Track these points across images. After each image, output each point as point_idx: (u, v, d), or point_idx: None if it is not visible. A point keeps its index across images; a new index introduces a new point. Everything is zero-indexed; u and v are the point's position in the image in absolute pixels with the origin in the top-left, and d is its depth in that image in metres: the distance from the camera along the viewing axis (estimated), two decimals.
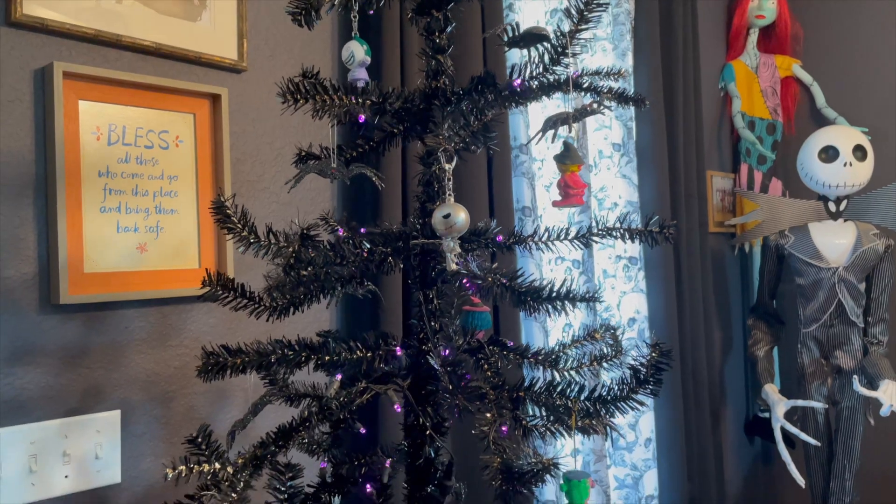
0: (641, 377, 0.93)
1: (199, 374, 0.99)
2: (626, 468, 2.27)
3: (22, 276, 1.21)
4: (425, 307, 0.99)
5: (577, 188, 1.01)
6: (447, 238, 0.90)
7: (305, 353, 0.93)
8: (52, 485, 1.24)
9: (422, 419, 0.97)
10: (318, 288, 0.99)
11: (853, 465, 2.42)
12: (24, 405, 1.21)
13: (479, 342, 1.00)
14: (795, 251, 2.46)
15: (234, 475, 0.84)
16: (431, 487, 0.99)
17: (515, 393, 0.93)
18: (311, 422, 0.91)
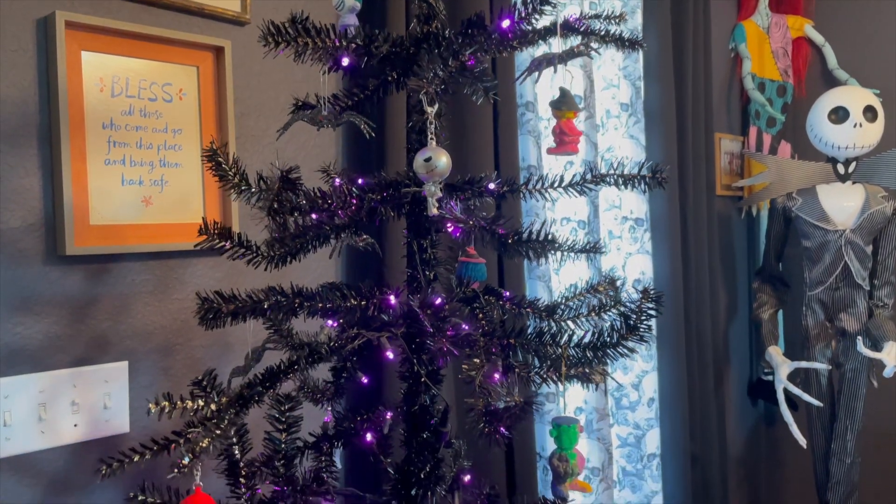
0: (631, 324, 0.92)
1: (199, 321, 1.00)
2: (628, 427, 2.29)
3: (28, 226, 1.22)
4: (419, 256, 0.99)
5: (573, 135, 1.00)
6: (429, 182, 0.90)
7: (298, 300, 0.93)
8: (62, 433, 1.26)
9: (416, 367, 0.97)
10: (313, 237, 0.99)
11: (855, 426, 2.44)
12: (32, 355, 1.23)
13: (474, 291, 1.00)
14: (803, 213, 2.45)
15: (219, 413, 0.85)
16: (427, 434, 1.00)
17: (506, 340, 0.93)
18: (299, 365, 0.92)
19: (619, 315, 0.93)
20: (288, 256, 1.00)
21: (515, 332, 0.94)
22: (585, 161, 2.12)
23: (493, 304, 0.99)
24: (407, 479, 1.00)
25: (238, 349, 1.48)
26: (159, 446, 0.84)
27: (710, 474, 2.48)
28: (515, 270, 1.85)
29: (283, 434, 1.02)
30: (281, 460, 1.02)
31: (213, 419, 0.85)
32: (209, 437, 0.82)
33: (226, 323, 1.01)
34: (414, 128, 1.02)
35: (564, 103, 1.01)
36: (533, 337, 0.93)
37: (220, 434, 0.84)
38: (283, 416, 0.99)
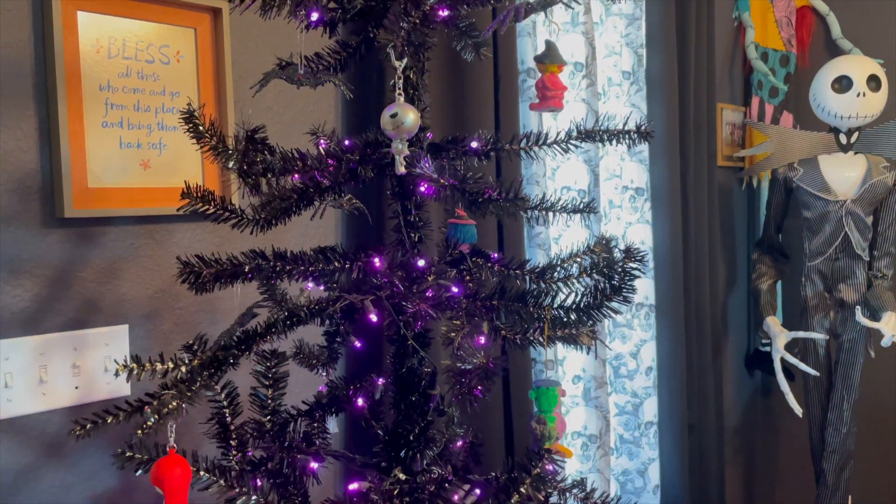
0: (615, 284, 0.92)
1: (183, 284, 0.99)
2: (626, 395, 2.30)
3: (26, 188, 1.21)
4: (403, 218, 0.99)
5: (556, 90, 0.98)
6: (396, 140, 0.89)
7: (280, 264, 0.93)
8: (63, 395, 1.26)
9: (402, 330, 0.97)
10: (297, 200, 0.98)
11: (851, 395, 2.45)
12: (33, 317, 1.23)
13: (461, 253, 1.00)
14: (804, 184, 2.44)
15: (191, 375, 0.86)
16: (416, 396, 1.00)
17: (489, 302, 0.92)
18: (276, 327, 0.92)
19: (603, 276, 0.92)
20: (273, 220, 0.99)
21: (498, 293, 0.93)
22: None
23: (482, 266, 0.99)
24: (397, 441, 1.01)
25: (232, 314, 1.48)
26: (132, 408, 0.84)
27: (706, 443, 2.50)
28: (515, 238, 1.85)
29: (270, 390, 1.03)
30: (268, 416, 1.02)
31: (186, 382, 0.86)
32: (178, 400, 0.83)
33: (213, 287, 1.01)
34: (394, 86, 1.00)
35: (548, 56, 0.99)
36: (516, 298, 0.93)
37: (189, 396, 0.84)
38: (268, 372, 1.00)
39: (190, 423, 1.31)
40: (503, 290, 0.92)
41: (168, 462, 0.90)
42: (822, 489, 2.51)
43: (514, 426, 1.85)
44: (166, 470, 0.89)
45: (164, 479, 0.89)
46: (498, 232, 1.83)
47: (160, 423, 0.82)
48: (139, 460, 0.94)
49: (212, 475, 0.95)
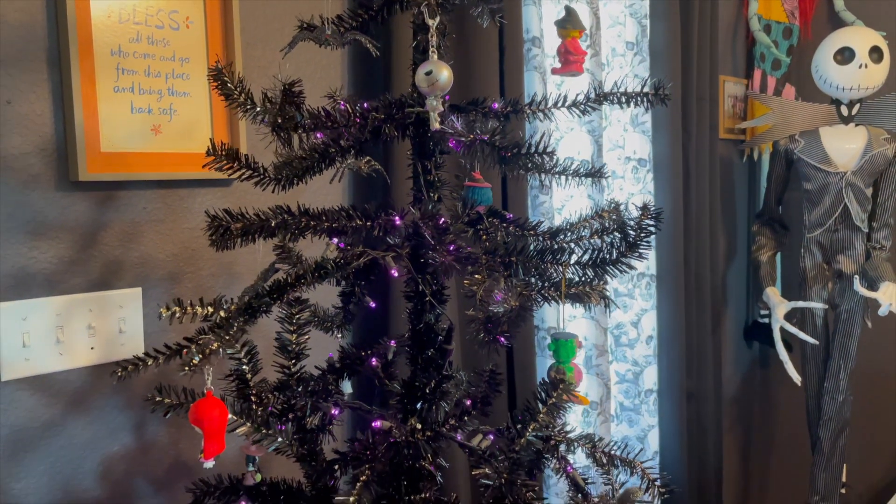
0: (631, 241, 0.94)
1: (210, 238, 1.01)
2: (627, 363, 2.34)
3: (40, 151, 1.23)
4: (423, 178, 1.01)
5: (578, 55, 1.00)
6: (430, 97, 0.90)
7: (305, 220, 0.95)
8: (79, 355, 1.29)
9: (421, 286, 1.00)
10: (319, 159, 1.00)
11: (848, 364, 2.49)
12: (48, 278, 1.25)
13: (478, 214, 1.02)
14: (804, 155, 2.46)
15: (228, 320, 0.88)
16: (432, 351, 1.03)
17: (508, 258, 0.95)
18: (305, 278, 0.94)
19: (619, 232, 0.94)
20: (295, 178, 1.01)
21: (517, 250, 0.95)
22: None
23: (497, 226, 1.01)
24: (412, 394, 1.04)
25: (246, 278, 1.51)
26: (171, 351, 0.87)
27: (704, 410, 2.55)
28: (519, 206, 1.87)
29: (294, 335, 1.06)
30: (292, 359, 1.05)
31: (223, 326, 0.88)
32: (218, 342, 0.85)
33: (235, 244, 1.03)
34: (418, 47, 1.02)
35: (569, 21, 1.00)
36: (535, 255, 0.95)
37: (229, 339, 0.87)
38: (292, 318, 1.03)
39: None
40: (523, 248, 0.95)
41: (207, 403, 0.93)
42: (817, 456, 2.56)
43: (517, 394, 1.88)
44: (206, 410, 0.92)
45: (203, 420, 0.92)
46: (503, 201, 1.85)
47: (203, 362, 0.85)
48: (168, 404, 0.97)
49: (239, 418, 0.98)
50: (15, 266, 1.22)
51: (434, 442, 0.96)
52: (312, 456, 0.98)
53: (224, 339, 0.85)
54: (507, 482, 0.87)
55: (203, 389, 0.93)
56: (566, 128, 2.15)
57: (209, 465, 0.93)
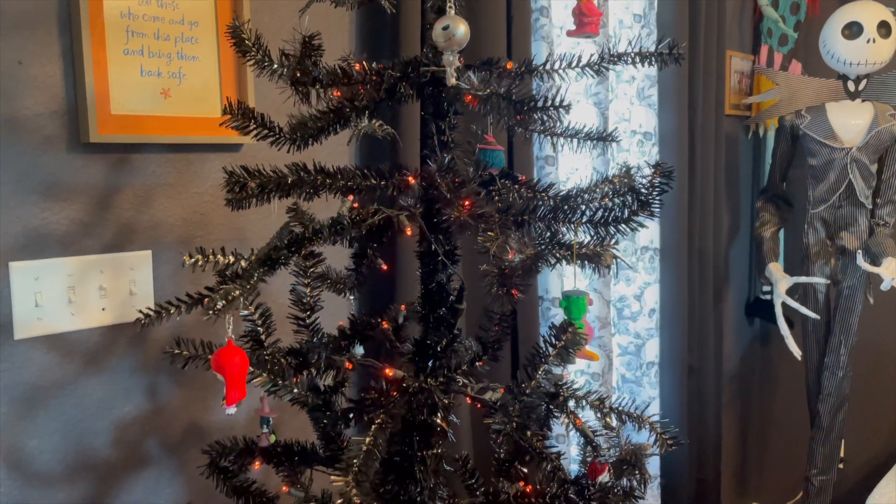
0: (643, 199, 0.94)
1: (226, 196, 1.02)
2: (629, 336, 2.36)
3: (51, 113, 1.24)
4: (437, 138, 1.01)
5: (593, 16, 1.00)
6: (447, 52, 0.91)
7: (321, 177, 0.96)
8: (90, 316, 1.31)
9: (434, 246, 1.01)
10: (334, 119, 1.00)
11: (849, 340, 2.51)
12: (60, 239, 1.27)
13: (490, 175, 1.03)
14: (810, 131, 2.46)
15: (248, 270, 0.89)
16: (444, 310, 1.04)
17: (520, 217, 0.96)
18: (322, 234, 0.95)
19: (632, 191, 0.95)
20: (310, 138, 1.02)
21: (530, 209, 0.96)
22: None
23: (510, 187, 1.02)
24: (424, 352, 1.05)
25: (255, 244, 1.52)
26: (194, 299, 0.88)
27: (705, 384, 2.57)
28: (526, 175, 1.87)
29: (307, 288, 1.07)
30: (307, 311, 1.07)
31: (243, 276, 0.90)
32: (240, 290, 0.87)
33: (250, 203, 1.04)
34: (433, 6, 1.02)
35: None
36: (547, 213, 0.96)
37: (250, 287, 0.88)
38: (305, 270, 1.04)
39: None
40: (535, 207, 0.95)
41: (228, 351, 0.95)
42: (816, 431, 2.58)
43: (520, 365, 1.90)
44: (227, 358, 0.93)
45: (224, 366, 0.93)
46: (508, 164, 1.86)
47: (226, 308, 0.86)
48: (186, 356, 0.99)
49: (256, 369, 1.00)
50: (28, 226, 1.23)
51: (445, 389, 0.97)
52: (326, 406, 0.99)
53: (246, 288, 0.87)
54: (518, 427, 0.89)
55: (224, 339, 0.95)
56: (573, 99, 2.15)
57: (231, 411, 0.95)
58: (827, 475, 2.58)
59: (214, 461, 1.27)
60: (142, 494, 1.40)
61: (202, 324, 1.43)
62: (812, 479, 2.58)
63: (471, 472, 1.33)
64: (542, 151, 1.98)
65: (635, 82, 2.26)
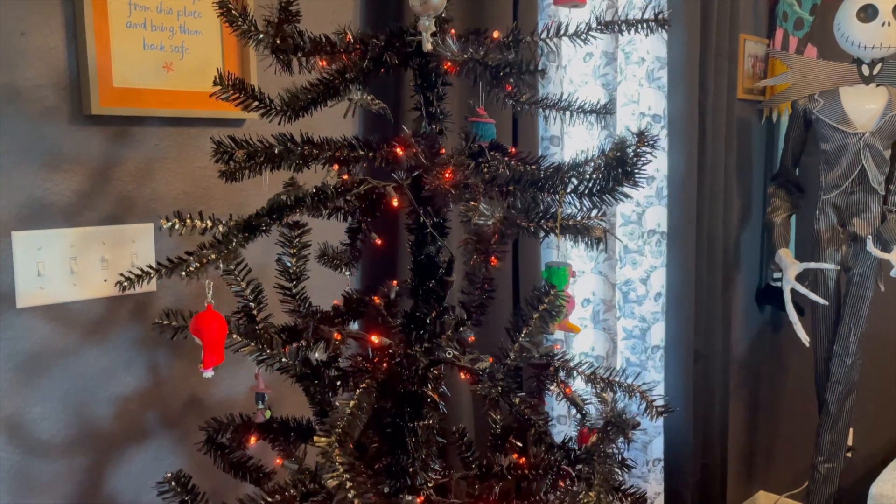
0: (626, 169, 0.93)
1: (220, 174, 1.03)
2: (634, 320, 2.35)
3: (53, 84, 1.25)
4: (425, 109, 1.01)
5: None
6: (423, 17, 0.90)
7: (308, 147, 0.96)
8: (92, 287, 1.32)
9: (422, 217, 1.01)
10: (324, 91, 1.01)
11: (859, 327, 2.48)
12: (62, 210, 1.28)
13: (480, 147, 1.03)
14: (823, 115, 2.43)
15: (227, 235, 0.90)
16: (433, 282, 1.05)
17: (505, 187, 0.95)
18: (305, 202, 0.96)
19: (616, 161, 0.93)
20: (301, 111, 1.02)
21: (515, 179, 0.95)
22: (604, 52, 2.10)
23: (500, 159, 1.01)
24: (414, 323, 1.06)
25: None
26: (172, 263, 0.89)
27: (712, 370, 2.56)
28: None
29: (294, 258, 1.08)
30: (293, 281, 1.08)
31: (223, 241, 0.91)
32: (216, 254, 0.88)
33: (243, 175, 1.04)
34: None
35: None
36: (532, 184, 0.95)
37: (227, 253, 0.89)
38: (291, 241, 1.05)
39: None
40: (519, 177, 0.95)
41: (207, 316, 0.96)
42: (824, 418, 2.57)
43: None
44: (205, 322, 0.95)
45: (202, 330, 0.95)
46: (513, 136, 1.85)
47: (200, 270, 0.87)
48: (175, 326, 1.00)
49: (244, 338, 1.01)
50: (30, 197, 1.24)
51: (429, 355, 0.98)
52: (315, 375, 1.00)
53: (222, 253, 0.87)
54: (503, 391, 0.89)
55: (204, 304, 0.96)
56: (581, 81, 2.14)
57: (209, 374, 0.96)
58: (833, 463, 2.56)
59: (212, 437, 1.28)
60: (142, 464, 1.42)
61: (202, 298, 1.44)
62: (818, 467, 2.57)
63: (467, 445, 1.34)
64: (547, 132, 1.97)
65: (645, 64, 2.24)
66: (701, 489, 2.58)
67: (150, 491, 1.43)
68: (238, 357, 1.53)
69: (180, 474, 1.08)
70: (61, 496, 1.32)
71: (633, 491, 1.32)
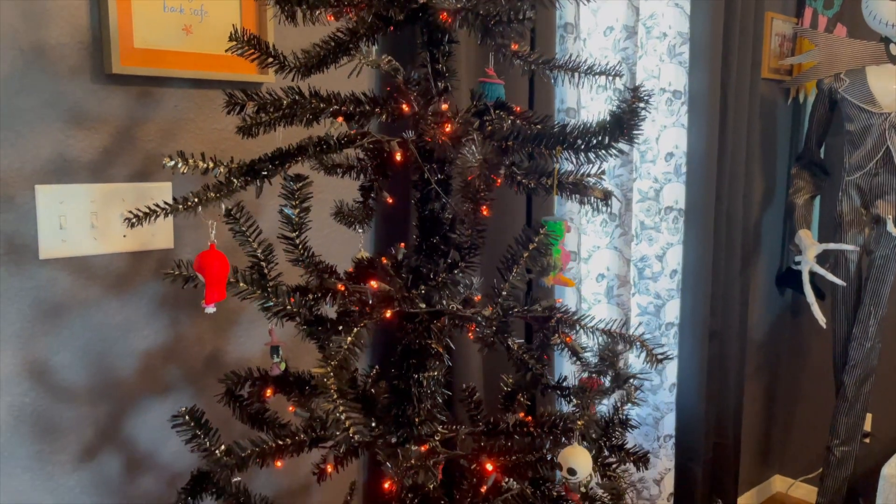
0: (622, 125, 0.93)
1: (237, 129, 1.06)
2: (649, 296, 2.35)
3: (76, 43, 1.29)
4: (431, 66, 1.02)
5: None
6: None
7: (315, 101, 0.99)
8: (112, 241, 1.37)
9: (427, 174, 1.03)
10: (335, 48, 1.03)
11: (879, 311, 2.46)
12: (84, 167, 1.33)
13: (485, 105, 1.04)
14: (848, 95, 2.39)
15: (228, 176, 0.93)
16: (437, 238, 1.07)
17: (504, 143, 0.97)
18: (308, 150, 0.98)
19: (612, 117, 0.94)
20: (312, 67, 1.05)
21: (514, 134, 0.96)
22: (625, 25, 2.10)
23: (505, 118, 1.03)
24: (418, 278, 1.08)
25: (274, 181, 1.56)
26: (176, 202, 0.93)
27: (727, 350, 2.55)
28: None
29: (296, 210, 1.11)
30: (295, 232, 1.11)
31: (224, 183, 0.94)
32: (215, 193, 0.91)
33: (258, 131, 1.07)
34: None
35: None
36: (530, 139, 0.96)
37: (226, 192, 0.92)
38: (293, 193, 1.08)
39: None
40: (518, 132, 0.96)
41: (209, 254, 1.00)
42: (840, 401, 2.55)
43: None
44: (208, 260, 0.99)
45: (205, 267, 0.99)
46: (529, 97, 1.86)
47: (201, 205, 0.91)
48: (185, 276, 1.04)
49: (249, 286, 1.05)
50: (53, 152, 1.29)
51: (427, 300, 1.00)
52: (319, 321, 1.04)
53: (222, 192, 0.91)
54: (497, 330, 0.92)
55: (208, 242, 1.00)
56: (600, 55, 2.13)
57: (210, 310, 1.00)
58: (848, 446, 2.55)
59: (231, 390, 1.33)
60: (159, 414, 1.47)
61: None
62: (833, 450, 2.56)
63: (476, 403, 1.37)
64: (563, 104, 1.98)
65: (667, 39, 2.23)
66: (713, 468, 2.59)
67: (169, 441, 1.49)
68: (253, 317, 1.57)
69: (194, 409, 1.12)
70: (81, 441, 1.38)
71: (636, 451, 1.35)
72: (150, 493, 1.48)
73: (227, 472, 1.03)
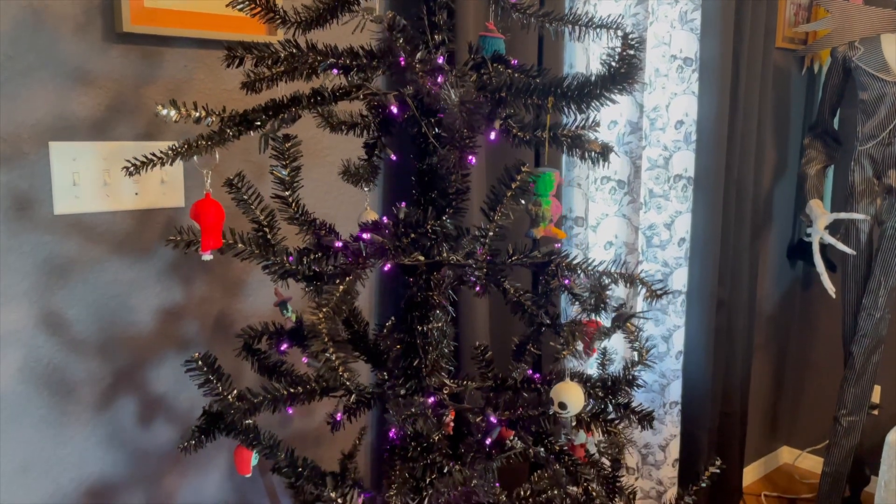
0: (613, 73, 0.93)
1: (241, 84, 1.08)
2: (657, 264, 2.36)
3: (88, 2, 1.31)
4: (427, 19, 1.03)
5: None
6: None
7: (312, 54, 1.00)
8: (124, 199, 1.40)
9: (424, 128, 1.04)
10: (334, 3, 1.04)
11: (889, 281, 2.45)
12: (96, 124, 1.35)
13: (483, 58, 1.05)
14: (862, 63, 2.37)
15: (221, 126, 0.95)
16: (434, 193, 1.09)
17: (498, 94, 0.97)
18: (302, 101, 1.00)
19: (605, 67, 0.94)
20: (312, 22, 1.06)
21: (507, 85, 0.97)
22: None
23: (503, 71, 1.04)
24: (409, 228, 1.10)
25: None
26: (174, 151, 0.95)
27: (735, 321, 2.56)
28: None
29: (287, 170, 1.13)
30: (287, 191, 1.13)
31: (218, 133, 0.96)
32: (210, 141, 0.93)
33: (262, 87, 1.09)
34: None
35: None
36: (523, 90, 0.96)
37: (219, 141, 0.95)
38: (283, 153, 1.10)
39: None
40: (511, 83, 0.97)
41: (205, 203, 1.02)
42: (848, 371, 2.55)
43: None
44: (204, 208, 1.01)
45: (201, 215, 1.01)
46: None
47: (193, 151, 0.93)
48: (186, 240, 1.07)
49: (248, 246, 1.08)
50: (65, 109, 1.32)
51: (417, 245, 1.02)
52: (318, 277, 1.06)
53: (215, 141, 0.93)
54: (488, 273, 0.93)
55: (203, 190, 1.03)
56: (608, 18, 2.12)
57: (207, 257, 1.03)
58: (856, 416, 2.56)
59: (248, 344, 1.36)
60: (171, 370, 1.51)
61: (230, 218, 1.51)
62: (840, 419, 2.56)
63: (487, 361, 1.40)
64: (572, 69, 1.98)
65: (678, 5, 2.21)
66: (719, 436, 2.61)
67: (182, 394, 1.53)
68: (260, 281, 1.60)
69: (208, 355, 1.15)
70: (95, 394, 1.42)
71: (640, 409, 1.37)
72: (162, 445, 1.53)
73: (240, 414, 1.07)
